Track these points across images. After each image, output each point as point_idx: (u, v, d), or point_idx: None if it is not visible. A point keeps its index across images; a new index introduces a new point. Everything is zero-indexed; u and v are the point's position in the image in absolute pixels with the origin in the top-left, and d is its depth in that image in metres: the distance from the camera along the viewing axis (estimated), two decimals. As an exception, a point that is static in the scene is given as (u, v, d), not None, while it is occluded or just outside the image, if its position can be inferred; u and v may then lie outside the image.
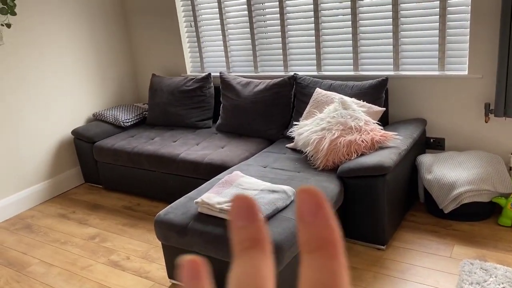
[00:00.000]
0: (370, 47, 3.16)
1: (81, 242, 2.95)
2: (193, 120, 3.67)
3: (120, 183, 3.60)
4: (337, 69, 3.35)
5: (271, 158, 2.88)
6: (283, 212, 2.16)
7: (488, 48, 2.75)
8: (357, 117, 2.67)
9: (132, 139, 3.55)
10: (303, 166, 2.71)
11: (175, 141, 3.42)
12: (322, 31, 3.31)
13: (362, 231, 2.53)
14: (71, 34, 3.80)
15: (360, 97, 2.93)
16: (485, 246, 2.44)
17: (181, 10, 3.94)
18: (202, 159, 3.02)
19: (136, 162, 3.36)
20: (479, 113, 2.90)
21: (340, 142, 2.57)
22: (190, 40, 4.01)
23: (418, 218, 2.80)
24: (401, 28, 3.01)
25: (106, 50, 4.11)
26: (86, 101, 3.97)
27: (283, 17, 3.43)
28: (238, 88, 3.45)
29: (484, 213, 2.68)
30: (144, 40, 4.23)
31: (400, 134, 2.75)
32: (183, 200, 2.38)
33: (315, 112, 2.95)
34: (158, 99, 3.80)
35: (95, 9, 3.98)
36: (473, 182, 2.57)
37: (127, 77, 4.36)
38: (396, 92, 3.14)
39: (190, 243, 2.16)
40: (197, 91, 3.67)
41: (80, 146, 3.75)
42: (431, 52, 2.97)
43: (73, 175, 3.89)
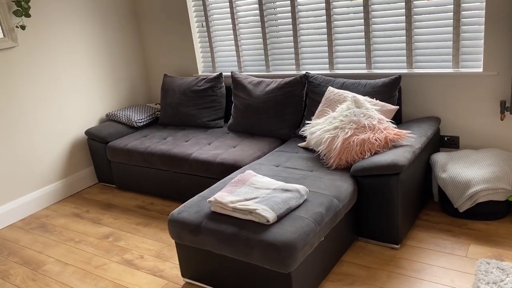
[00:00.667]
0: (383, 44, 3.14)
1: (95, 241, 2.98)
2: (204, 120, 3.68)
3: (133, 182, 3.63)
4: (350, 67, 3.32)
5: (284, 157, 2.87)
6: (296, 211, 2.15)
7: (503, 45, 2.71)
8: (370, 115, 2.65)
9: (145, 139, 3.57)
10: (315, 165, 2.69)
11: (187, 140, 3.43)
12: (334, 29, 3.29)
13: (376, 230, 2.51)
14: (84, 35, 3.84)
15: (373, 95, 2.91)
16: (501, 245, 2.40)
17: (193, 11, 3.96)
18: (214, 158, 3.03)
19: (149, 161, 3.38)
20: (494, 110, 2.86)
21: (353, 140, 2.56)
22: (201, 40, 4.02)
23: (433, 217, 2.77)
24: (414, 26, 2.98)
25: (118, 51, 4.14)
26: (99, 101, 4.01)
27: (295, 16, 3.42)
28: (249, 87, 3.45)
29: (500, 212, 2.64)
30: (156, 40, 4.25)
31: (414, 133, 2.73)
32: (196, 199, 2.39)
33: (328, 111, 2.94)
34: (170, 99, 3.82)
35: (108, 10, 4.01)
36: (489, 181, 2.53)
37: (140, 78, 4.38)
38: (409, 90, 3.11)
39: (204, 242, 2.16)
40: (209, 91, 3.68)
41: (93, 146, 3.79)
42: (445, 49, 2.94)
43: (87, 175, 3.93)
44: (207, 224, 2.16)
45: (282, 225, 2.04)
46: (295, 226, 2.03)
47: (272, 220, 2.05)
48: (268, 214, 2.06)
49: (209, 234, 2.13)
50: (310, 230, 2.05)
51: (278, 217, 2.09)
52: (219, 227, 2.12)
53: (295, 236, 1.97)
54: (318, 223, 2.11)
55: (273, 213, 2.08)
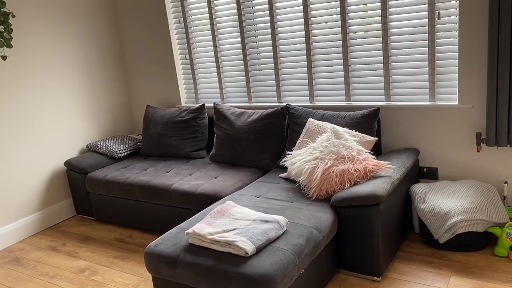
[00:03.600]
0: (362, 78, 3.21)
1: (71, 275, 2.88)
2: (187, 150, 3.67)
3: (112, 214, 3.56)
4: (330, 100, 3.38)
5: (265, 188, 2.86)
6: (276, 242, 2.12)
7: (477, 79, 2.80)
8: (349, 146, 2.68)
9: (125, 170, 3.53)
10: (296, 195, 2.69)
11: (168, 171, 3.40)
12: (314, 62, 3.37)
13: (356, 262, 2.49)
14: (66, 66, 3.85)
15: (353, 127, 2.95)
16: (481, 277, 2.39)
17: (176, 43, 4.01)
18: (195, 189, 3.00)
19: (128, 193, 3.33)
20: (471, 142, 2.92)
21: (333, 171, 2.57)
22: (185, 72, 4.06)
23: (414, 249, 2.76)
24: (391, 60, 3.07)
25: (101, 82, 4.15)
26: (80, 132, 3.97)
27: (276, 49, 3.49)
28: (231, 118, 3.47)
29: (479, 243, 2.64)
30: (139, 71, 4.28)
31: (393, 164, 2.75)
32: (175, 231, 2.34)
33: (308, 141, 2.96)
34: (152, 129, 3.81)
35: (91, 42, 4.04)
36: (467, 212, 2.55)
37: (122, 108, 4.38)
38: (388, 122, 3.16)
39: (181, 275, 2.11)
40: (191, 121, 3.68)
41: (72, 177, 3.72)
42: (421, 83, 3.02)
43: (65, 207, 3.84)
44: (184, 257, 2.11)
45: (261, 257, 2.01)
46: (274, 258, 2.00)
47: (251, 252, 2.02)
48: (247, 246, 2.03)
49: (186, 267, 2.08)
50: (290, 262, 2.02)
51: (257, 249, 2.05)
52: (196, 260, 2.07)
53: (274, 269, 1.94)
54: (297, 255, 2.08)
55: (252, 245, 2.05)
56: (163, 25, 3.97)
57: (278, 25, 3.44)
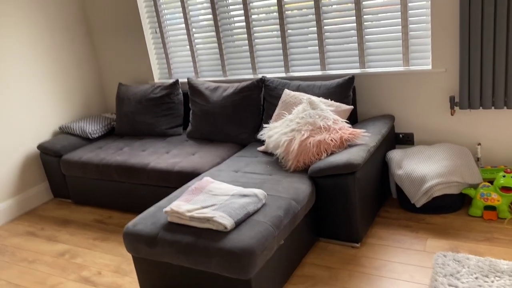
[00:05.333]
0: (336, 45, 3.17)
1: (50, 259, 2.85)
2: (162, 128, 3.61)
3: (90, 196, 3.50)
4: (305, 70, 3.34)
5: (243, 162, 2.84)
6: (255, 216, 2.12)
7: (449, 42, 2.79)
8: (325, 116, 2.67)
9: (100, 151, 3.46)
10: (274, 168, 2.68)
11: (145, 150, 3.35)
12: (287, 32, 3.30)
13: (336, 230, 2.52)
14: (33, 46, 3.69)
15: (328, 96, 2.93)
16: (457, 237, 2.46)
17: (146, 17, 3.88)
18: (172, 167, 2.96)
19: (105, 174, 3.27)
20: (445, 106, 2.94)
21: (309, 142, 2.56)
22: (156, 47, 3.95)
23: (392, 214, 2.81)
24: (364, 26, 3.03)
25: (70, 61, 4.00)
26: (52, 114, 3.85)
27: (248, 20, 3.41)
28: (206, 93, 3.41)
29: (455, 205, 2.70)
30: (109, 49, 4.14)
31: (369, 131, 2.76)
32: (153, 210, 2.32)
33: (284, 113, 2.94)
34: (126, 108, 3.72)
35: (57, 19, 3.87)
36: (443, 175, 2.59)
37: (94, 88, 4.25)
38: (363, 90, 3.15)
39: (161, 253, 2.10)
40: (165, 98, 3.61)
41: (46, 161, 3.63)
42: (395, 48, 3.00)
43: (41, 191, 3.76)
44: (163, 235, 2.10)
45: (241, 231, 2.01)
46: (253, 231, 2.00)
47: (230, 227, 2.02)
48: (226, 221, 2.02)
49: (166, 246, 2.07)
50: (269, 234, 2.02)
51: (236, 223, 2.05)
52: (176, 238, 2.06)
53: (253, 242, 1.94)
54: (276, 226, 2.09)
55: (230, 219, 2.04)
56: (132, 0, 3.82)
57: (249, -5, 3.35)
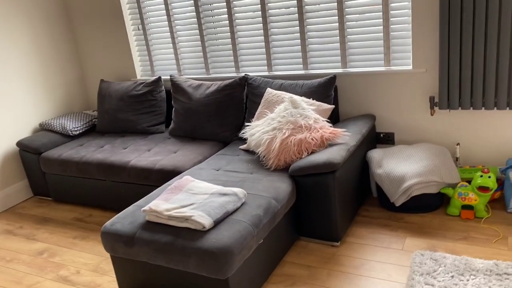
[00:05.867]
0: (318, 45, 3.18)
1: (28, 258, 2.81)
2: (144, 125, 3.58)
3: (70, 194, 3.46)
4: (287, 69, 3.35)
5: (224, 160, 2.84)
6: (234, 215, 2.12)
7: (430, 43, 2.82)
8: (306, 115, 2.67)
9: (81, 148, 3.42)
10: (256, 167, 2.68)
11: (126, 148, 3.32)
12: (270, 30, 3.30)
13: (316, 229, 2.53)
14: (13, 41, 3.62)
15: (310, 95, 2.94)
16: (435, 236, 2.49)
17: (128, 13, 3.84)
18: (153, 165, 2.94)
19: (85, 171, 3.23)
20: (425, 106, 2.97)
21: (290, 141, 2.56)
22: (138, 44, 3.91)
23: (371, 213, 2.83)
24: (347, 26, 3.05)
25: (51, 56, 3.94)
26: (32, 110, 3.79)
27: (231, 18, 3.39)
28: (189, 91, 3.39)
29: (433, 204, 2.74)
30: (91, 45, 4.09)
31: (350, 131, 2.78)
32: (131, 209, 2.30)
33: (267, 112, 2.94)
34: (107, 105, 3.68)
35: (37, 13, 3.81)
36: (422, 174, 2.62)
37: (75, 84, 4.20)
38: (345, 89, 3.17)
39: (138, 253, 2.08)
40: (148, 95, 3.58)
41: (26, 158, 3.58)
42: (376, 49, 3.02)
43: (21, 189, 3.70)
44: (141, 234, 2.08)
45: (219, 230, 2.00)
46: (232, 230, 2.00)
47: (208, 226, 2.01)
48: (204, 220, 2.01)
49: (143, 245, 2.06)
50: (248, 233, 2.02)
51: (215, 222, 2.05)
52: (154, 237, 2.05)
53: (232, 241, 1.94)
54: (255, 225, 2.09)
55: (209, 218, 2.03)
56: (113, -5, 3.78)
57: (233, -8, 3.34)
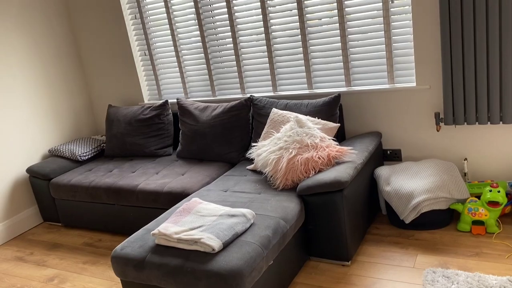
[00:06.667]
0: (322, 65, 3.22)
1: (39, 285, 2.81)
2: (152, 148, 3.61)
3: (80, 219, 3.48)
4: (292, 89, 3.38)
5: (232, 181, 2.85)
6: (243, 236, 2.12)
7: (432, 60, 2.84)
8: (312, 134, 2.69)
9: (90, 173, 3.45)
10: (263, 187, 2.69)
11: (134, 171, 3.34)
12: (274, 52, 3.35)
13: (325, 248, 2.52)
14: (22, 68, 3.70)
15: (315, 114, 2.96)
16: (446, 253, 2.46)
17: (134, 39, 3.92)
18: (161, 188, 2.96)
19: (94, 196, 3.26)
20: (430, 122, 2.98)
21: (297, 160, 2.58)
22: (145, 69, 3.98)
23: (381, 231, 2.81)
24: (349, 45, 3.09)
25: (59, 83, 4.02)
26: (41, 137, 3.85)
27: (236, 41, 3.46)
28: (195, 113, 3.43)
29: (443, 221, 2.72)
30: (98, 71, 4.17)
31: (356, 148, 2.79)
32: (141, 233, 2.31)
33: (273, 132, 2.96)
34: (116, 129, 3.73)
35: (46, 41, 3.90)
36: (430, 191, 2.61)
37: (83, 110, 4.26)
38: (350, 108, 3.19)
39: (149, 277, 2.08)
40: (155, 119, 3.62)
41: (36, 184, 3.61)
42: (380, 67, 3.05)
43: (31, 215, 3.73)
44: (151, 258, 2.09)
45: (229, 252, 2.00)
46: (241, 252, 2.00)
47: (217, 248, 2.01)
48: (214, 243, 2.02)
49: (153, 268, 2.06)
50: (257, 255, 2.02)
51: (224, 244, 2.05)
52: (163, 260, 2.05)
53: (241, 263, 1.93)
54: (265, 246, 2.08)
55: (218, 240, 2.04)
56: (119, 22, 3.87)
57: (236, 16, 3.41)
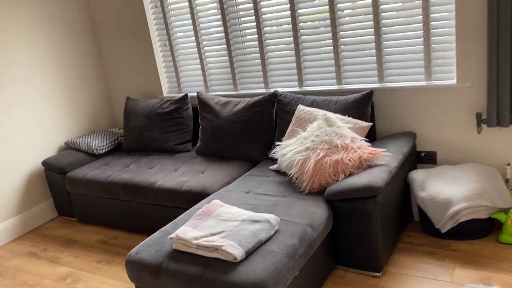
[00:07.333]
0: (353, 59, 3.01)
1: (52, 284, 2.70)
2: (171, 144, 3.47)
3: (95, 215, 3.37)
4: (319, 84, 3.18)
5: (254, 182, 2.68)
6: (267, 244, 1.95)
7: (476, 56, 2.61)
8: (342, 134, 2.50)
9: (106, 168, 3.33)
10: (288, 189, 2.51)
11: (152, 167, 3.21)
12: (302, 44, 3.15)
13: (355, 257, 2.33)
14: (39, 60, 3.59)
15: (345, 112, 2.77)
16: (488, 267, 2.25)
17: (154, 29, 3.77)
18: (180, 186, 2.81)
19: (110, 192, 3.13)
20: (470, 123, 2.75)
21: (326, 162, 2.39)
22: (165, 60, 3.83)
23: (414, 239, 2.61)
24: (383, 38, 2.87)
25: (77, 74, 3.90)
26: (58, 129, 3.75)
27: (261, 32, 3.27)
28: (216, 108, 3.26)
29: (483, 231, 2.50)
30: (117, 62, 4.04)
31: (389, 150, 2.58)
32: (158, 235, 2.16)
33: (298, 130, 2.78)
34: (133, 123, 3.59)
35: (64, 32, 3.78)
36: (470, 198, 2.39)
37: (101, 102, 4.15)
38: (382, 105, 2.98)
39: (165, 284, 1.94)
40: (174, 113, 3.47)
41: (51, 178, 3.51)
42: (416, 62, 2.82)
43: (46, 209, 3.64)
44: (168, 265, 1.94)
45: (252, 262, 1.84)
46: (266, 262, 1.83)
47: (240, 258, 1.85)
48: (236, 251, 1.86)
49: (170, 276, 1.91)
50: (283, 266, 1.85)
51: (247, 253, 1.88)
52: (181, 268, 1.90)
53: (266, 274, 1.77)
54: (291, 256, 1.91)
55: (241, 249, 1.87)
56: (139, 10, 3.72)
57: (262, 5, 3.21)
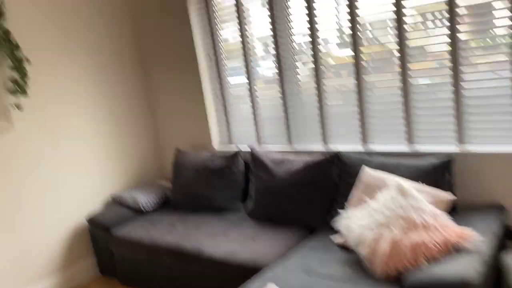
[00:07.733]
0: (427, 117, 2.67)
1: None
2: (220, 202, 3.22)
3: (139, 277, 3.14)
4: (387, 143, 2.86)
5: (315, 258, 2.35)
6: None
7: None
8: (421, 208, 2.15)
9: (152, 227, 3.11)
10: (355, 271, 2.17)
11: (199, 229, 2.95)
12: (366, 98, 2.87)
13: None
14: (88, 110, 3.51)
15: (418, 179, 2.41)
16: None
17: (207, 78, 3.61)
18: (230, 258, 2.53)
19: (155, 255, 2.90)
20: None
21: (404, 244, 2.04)
22: (216, 110, 3.65)
23: (509, 337, 2.17)
24: (464, 93, 2.53)
25: (126, 124, 3.79)
26: (104, 181, 3.61)
27: (320, 83, 3.02)
28: (271, 166, 3.00)
29: None
30: (168, 113, 3.91)
31: (477, 229, 2.19)
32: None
33: (365, 198, 2.45)
34: (182, 177, 3.39)
35: (115, 84, 3.70)
36: None
37: (149, 152, 4.00)
38: (461, 171, 2.59)
39: None
40: (226, 170, 3.23)
41: (95, 234, 3.35)
42: (506, 119, 2.45)
43: (87, 267, 3.46)
44: None
45: None
46: None
47: None
48: None
49: None
50: None
51: None
52: None
53: None
54: None
55: None
56: (193, 61, 3.58)
57: (319, 49, 2.97)
